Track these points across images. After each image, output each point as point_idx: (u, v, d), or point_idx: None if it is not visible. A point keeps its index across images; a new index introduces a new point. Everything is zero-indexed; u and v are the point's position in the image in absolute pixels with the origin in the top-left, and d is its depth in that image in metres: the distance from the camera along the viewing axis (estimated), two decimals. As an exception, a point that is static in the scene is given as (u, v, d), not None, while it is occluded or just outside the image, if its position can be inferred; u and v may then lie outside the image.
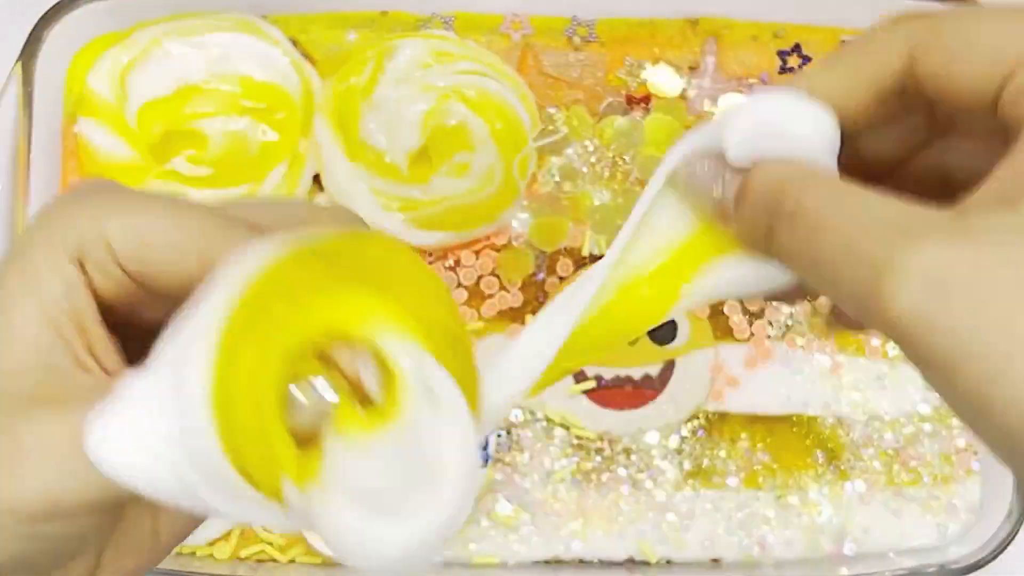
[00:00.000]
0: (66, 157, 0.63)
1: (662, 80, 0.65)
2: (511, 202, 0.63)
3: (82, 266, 0.28)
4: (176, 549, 0.61)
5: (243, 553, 0.62)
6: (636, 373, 0.63)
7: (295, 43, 0.64)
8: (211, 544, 0.61)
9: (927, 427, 0.63)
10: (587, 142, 0.64)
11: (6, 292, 0.27)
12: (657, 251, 0.32)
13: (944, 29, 0.28)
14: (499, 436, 0.62)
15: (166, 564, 0.60)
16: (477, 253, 0.63)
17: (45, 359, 0.27)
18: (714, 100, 0.64)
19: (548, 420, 0.63)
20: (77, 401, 0.26)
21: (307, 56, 0.64)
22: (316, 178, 0.64)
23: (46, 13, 0.60)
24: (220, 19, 0.63)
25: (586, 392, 0.63)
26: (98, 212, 0.28)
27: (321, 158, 0.63)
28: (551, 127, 0.64)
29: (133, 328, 0.30)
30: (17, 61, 0.60)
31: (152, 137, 0.62)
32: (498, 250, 0.63)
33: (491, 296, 0.63)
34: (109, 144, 0.62)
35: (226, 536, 0.62)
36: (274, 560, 0.62)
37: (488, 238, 0.63)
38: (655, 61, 0.65)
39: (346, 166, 0.62)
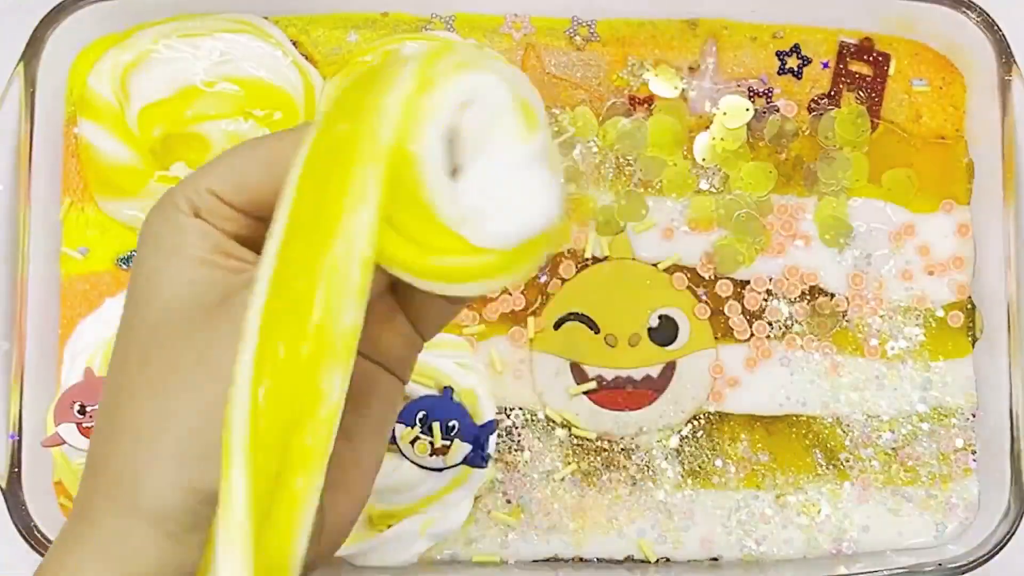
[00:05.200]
0: (67, 158, 0.63)
1: (661, 81, 0.65)
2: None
3: (201, 217, 0.33)
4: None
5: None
6: (637, 374, 0.63)
7: (296, 44, 0.64)
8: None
9: (925, 426, 0.64)
10: (591, 144, 0.64)
11: (154, 260, 0.33)
12: None
13: None
14: (499, 436, 0.62)
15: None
16: (480, 256, 0.63)
17: (210, 281, 0.32)
18: (714, 101, 0.65)
19: (549, 420, 0.63)
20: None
21: (308, 57, 0.64)
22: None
23: (48, 14, 0.60)
24: (221, 20, 0.63)
25: (587, 393, 0.63)
26: (193, 176, 0.34)
27: (323, 159, 0.63)
28: (556, 128, 0.64)
29: None
30: (19, 62, 0.60)
31: (152, 140, 0.62)
32: (501, 253, 0.63)
33: (493, 299, 0.63)
34: (109, 147, 0.62)
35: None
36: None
37: (491, 241, 0.63)
38: (655, 62, 0.65)
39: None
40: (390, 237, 0.28)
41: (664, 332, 0.64)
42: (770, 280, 0.64)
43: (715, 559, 0.63)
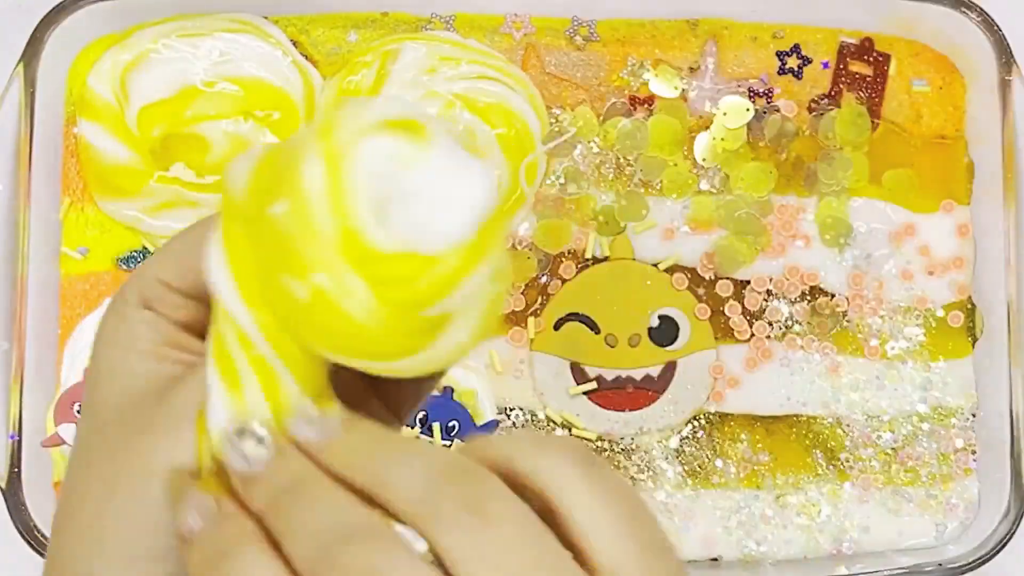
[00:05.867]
0: (67, 158, 0.63)
1: (661, 82, 0.65)
2: (518, 208, 0.63)
3: (152, 308, 0.33)
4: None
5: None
6: (637, 374, 0.63)
7: (296, 44, 0.64)
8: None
9: (925, 427, 0.64)
10: (592, 144, 0.64)
11: (108, 355, 0.33)
12: None
13: None
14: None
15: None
16: (480, 256, 0.63)
17: (157, 376, 0.32)
18: (715, 102, 0.65)
19: (549, 420, 0.63)
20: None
21: (308, 57, 0.64)
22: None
23: (48, 14, 0.60)
24: (221, 20, 0.63)
25: (587, 393, 0.63)
26: (144, 266, 0.34)
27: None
28: (557, 128, 0.64)
29: None
30: (19, 62, 0.60)
31: (152, 140, 0.62)
32: (501, 254, 0.63)
33: (494, 299, 0.63)
34: (109, 147, 0.62)
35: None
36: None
37: (491, 242, 0.63)
38: (655, 62, 0.65)
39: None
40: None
41: (664, 332, 0.63)
42: (770, 280, 0.64)
43: (715, 559, 0.63)
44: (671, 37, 0.65)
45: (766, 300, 0.64)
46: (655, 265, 0.64)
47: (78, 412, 0.59)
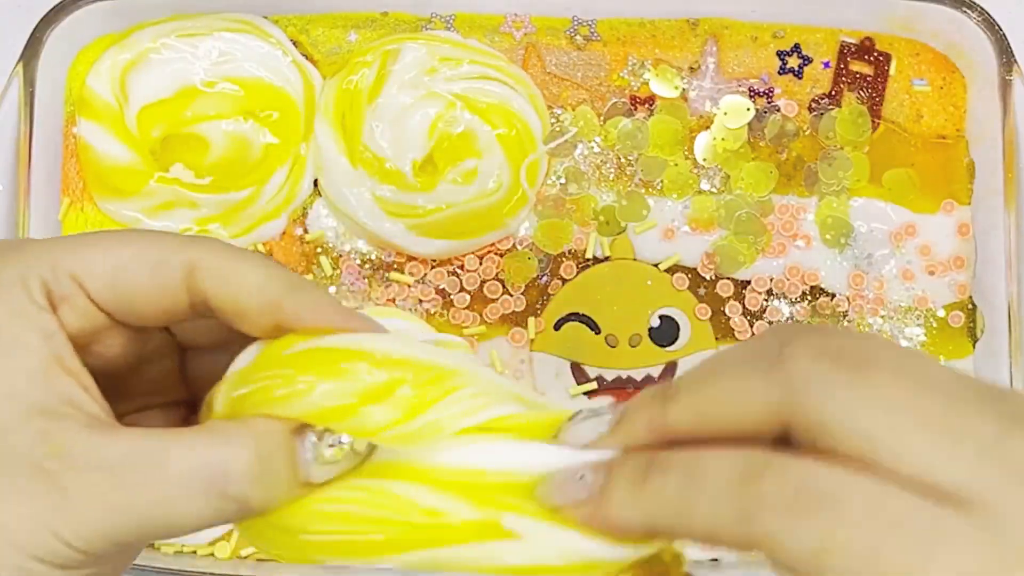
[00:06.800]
0: (67, 158, 0.63)
1: (661, 82, 0.65)
2: (520, 208, 0.63)
3: (57, 310, 0.26)
4: (177, 548, 0.61)
5: (244, 552, 0.62)
6: (637, 375, 0.63)
7: (296, 44, 0.64)
8: (212, 544, 0.61)
9: (925, 427, 0.64)
10: (593, 144, 0.64)
11: None
12: None
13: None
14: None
15: (168, 564, 0.60)
16: (481, 258, 0.63)
17: (41, 410, 0.25)
18: (715, 101, 0.65)
19: (549, 420, 0.63)
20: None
21: (308, 57, 0.64)
22: (316, 182, 0.64)
23: (47, 14, 0.60)
24: (221, 20, 0.63)
25: (587, 394, 0.63)
26: (54, 251, 0.27)
27: (321, 161, 0.63)
28: (558, 127, 0.64)
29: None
30: (18, 62, 0.60)
31: (152, 140, 0.62)
32: (502, 254, 0.63)
33: (494, 300, 0.63)
34: (109, 147, 0.62)
35: (227, 536, 0.62)
36: (274, 559, 0.62)
37: (492, 242, 0.63)
38: (655, 62, 0.65)
39: (347, 170, 0.62)
40: None
41: (665, 332, 0.63)
42: (771, 280, 0.64)
43: (715, 559, 0.63)
44: (671, 37, 0.65)
45: (767, 300, 0.64)
46: (656, 265, 0.64)
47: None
